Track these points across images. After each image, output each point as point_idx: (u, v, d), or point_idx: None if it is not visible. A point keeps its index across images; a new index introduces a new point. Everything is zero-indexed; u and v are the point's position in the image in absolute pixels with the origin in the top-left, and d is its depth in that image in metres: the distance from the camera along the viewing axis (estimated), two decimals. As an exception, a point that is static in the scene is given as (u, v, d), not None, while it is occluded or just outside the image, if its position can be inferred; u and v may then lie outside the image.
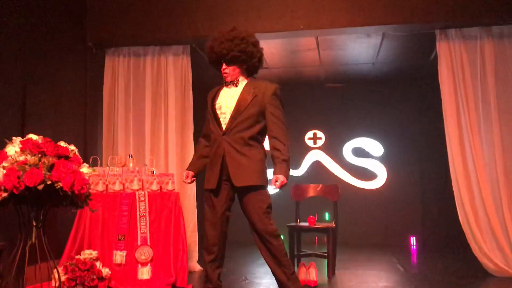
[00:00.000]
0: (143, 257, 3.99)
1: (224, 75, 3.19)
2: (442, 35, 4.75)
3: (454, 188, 4.64)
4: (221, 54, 3.11)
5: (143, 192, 4.16)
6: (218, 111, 3.15)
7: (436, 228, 7.18)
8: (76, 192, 2.29)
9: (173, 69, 5.15)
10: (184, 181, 3.33)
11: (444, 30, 4.73)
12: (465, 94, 4.64)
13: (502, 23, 4.59)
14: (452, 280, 4.34)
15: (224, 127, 3.09)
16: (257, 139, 3.14)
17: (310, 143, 7.70)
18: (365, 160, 7.49)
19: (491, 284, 4.25)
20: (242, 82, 3.20)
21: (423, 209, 7.32)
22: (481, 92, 4.62)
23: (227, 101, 3.15)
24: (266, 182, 3.11)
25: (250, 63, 3.18)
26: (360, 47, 5.72)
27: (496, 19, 4.54)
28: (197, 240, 4.99)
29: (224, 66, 3.15)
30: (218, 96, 3.21)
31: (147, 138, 5.08)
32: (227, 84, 3.22)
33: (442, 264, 5.38)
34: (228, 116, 3.10)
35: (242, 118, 3.06)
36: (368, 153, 7.49)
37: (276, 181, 3.00)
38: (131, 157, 4.46)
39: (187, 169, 3.35)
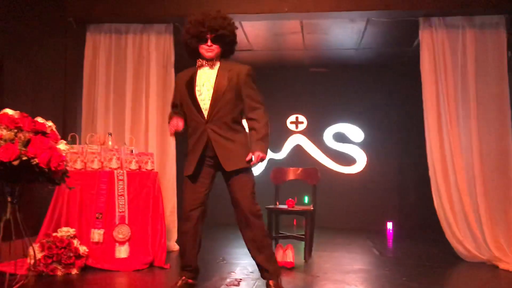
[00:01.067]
0: (121, 236, 4.00)
1: (209, 52, 3.09)
2: (425, 23, 4.78)
3: (431, 175, 4.72)
4: (212, 29, 3.04)
5: (121, 171, 4.14)
6: (198, 98, 3.09)
7: (412, 214, 7.33)
8: (53, 168, 2.27)
9: (156, 48, 5.09)
10: (174, 131, 3.08)
11: (428, 18, 4.76)
12: (445, 82, 4.70)
13: (484, 13, 4.64)
14: (425, 264, 4.45)
15: (205, 114, 3.06)
16: (239, 122, 3.15)
17: (292, 127, 7.73)
18: (346, 146, 7.56)
19: (462, 269, 4.36)
20: (216, 64, 3.15)
21: (401, 194, 7.45)
22: (461, 80, 4.69)
23: (205, 87, 3.10)
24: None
25: (230, 47, 3.16)
26: (344, 32, 5.73)
27: (478, 9, 4.58)
28: (176, 220, 5.00)
29: (209, 42, 3.09)
30: (195, 81, 3.12)
31: (127, 117, 5.03)
32: (200, 66, 3.14)
33: (417, 248, 5.50)
34: (207, 103, 3.07)
35: (222, 104, 3.04)
36: (348, 138, 7.56)
37: (252, 158, 3.01)
38: (111, 135, 4.42)
39: (173, 116, 3.13)
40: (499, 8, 4.55)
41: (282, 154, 7.67)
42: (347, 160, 7.55)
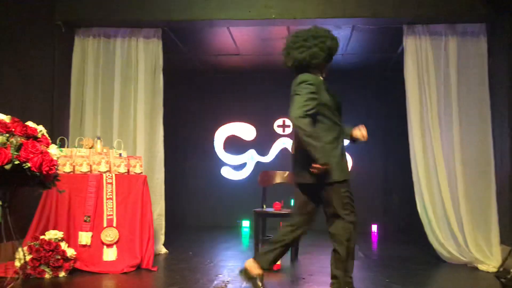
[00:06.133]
0: (108, 239, 4.02)
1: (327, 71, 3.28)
2: (409, 30, 4.89)
3: (414, 179, 4.82)
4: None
5: (110, 174, 4.17)
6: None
7: (396, 217, 7.46)
8: (44, 172, 2.31)
9: (144, 52, 5.13)
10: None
11: (411, 25, 4.87)
12: (429, 88, 4.81)
13: (465, 21, 4.77)
14: (409, 266, 4.54)
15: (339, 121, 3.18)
16: None
17: (279, 130, 7.81)
18: (332, 149, 7.64)
19: (444, 270, 4.46)
20: None
21: (385, 198, 7.58)
22: (443, 86, 4.80)
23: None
24: None
25: None
26: (331, 38, 5.81)
27: (460, 17, 4.71)
28: (164, 223, 5.04)
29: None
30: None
31: (116, 121, 5.06)
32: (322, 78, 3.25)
33: (400, 250, 5.61)
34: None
35: None
36: (334, 142, 7.63)
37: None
38: (99, 139, 4.45)
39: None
40: (479, 16, 4.68)
41: (269, 157, 7.75)
42: (333, 163, 7.62)
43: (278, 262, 4.13)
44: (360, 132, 3.25)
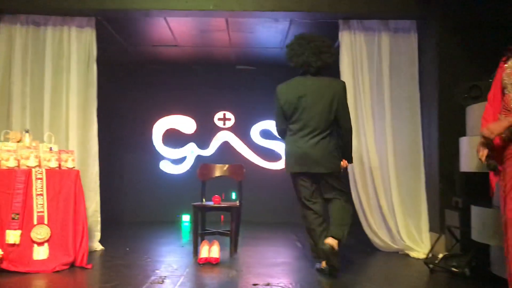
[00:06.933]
0: (39, 237, 3.85)
1: None
2: (345, 25, 4.99)
3: (349, 171, 4.96)
4: None
5: (40, 169, 3.98)
6: None
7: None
8: (-38, 168, 2.15)
9: (77, 42, 4.92)
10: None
11: (347, 20, 4.98)
12: (363, 82, 4.94)
13: (397, 18, 4.95)
14: (345, 255, 4.65)
15: None
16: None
17: (219, 123, 7.78)
18: (271, 142, 7.73)
19: (377, 258, 4.65)
20: None
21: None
22: (376, 81, 4.96)
23: None
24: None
25: None
26: (269, 32, 5.85)
27: (392, 14, 4.88)
28: (100, 219, 4.88)
29: None
30: None
31: (46, 113, 4.83)
32: None
33: (337, 240, 5.75)
34: None
35: None
36: (274, 135, 7.72)
37: None
38: (28, 132, 4.23)
39: None
40: (410, 13, 4.87)
41: (210, 151, 7.70)
42: (273, 156, 7.72)
43: (218, 256, 4.15)
44: None
